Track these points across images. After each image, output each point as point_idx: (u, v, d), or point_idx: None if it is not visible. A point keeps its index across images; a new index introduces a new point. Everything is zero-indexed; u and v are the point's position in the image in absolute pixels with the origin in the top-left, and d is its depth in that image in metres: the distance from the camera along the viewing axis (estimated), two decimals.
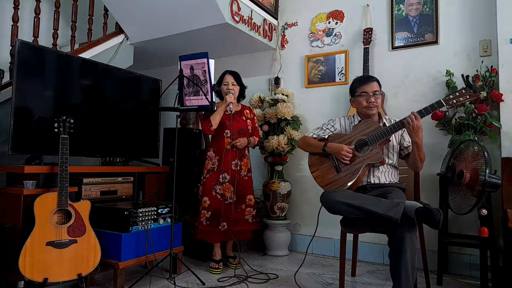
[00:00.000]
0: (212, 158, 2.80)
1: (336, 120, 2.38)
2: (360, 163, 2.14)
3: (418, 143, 2.05)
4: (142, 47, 3.69)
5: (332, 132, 2.34)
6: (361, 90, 2.24)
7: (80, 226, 2.20)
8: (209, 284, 2.47)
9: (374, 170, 2.21)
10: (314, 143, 2.32)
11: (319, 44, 3.52)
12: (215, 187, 2.75)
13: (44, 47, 2.64)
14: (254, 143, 2.94)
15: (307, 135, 2.40)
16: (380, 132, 2.11)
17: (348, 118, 2.37)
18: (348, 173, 2.16)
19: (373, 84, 2.24)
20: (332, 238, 3.26)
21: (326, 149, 2.22)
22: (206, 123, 2.69)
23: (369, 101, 2.21)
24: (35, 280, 2.03)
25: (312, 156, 2.35)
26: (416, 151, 2.08)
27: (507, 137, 2.54)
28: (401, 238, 1.84)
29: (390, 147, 2.23)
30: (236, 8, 3.16)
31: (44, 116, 2.49)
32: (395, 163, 2.26)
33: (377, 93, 2.23)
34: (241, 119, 2.87)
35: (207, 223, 2.72)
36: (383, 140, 2.13)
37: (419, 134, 2.02)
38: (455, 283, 2.56)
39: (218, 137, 2.80)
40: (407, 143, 2.23)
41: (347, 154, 2.13)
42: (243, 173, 2.84)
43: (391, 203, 1.90)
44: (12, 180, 2.38)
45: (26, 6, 3.58)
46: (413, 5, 3.09)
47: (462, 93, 2.03)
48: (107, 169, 2.81)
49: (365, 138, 2.16)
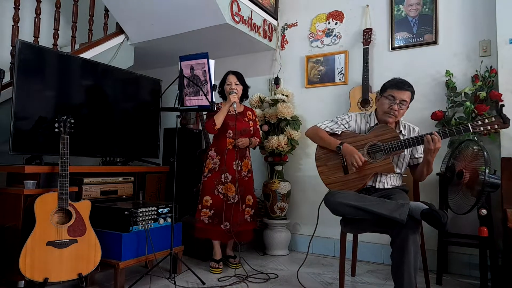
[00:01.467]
0: (214, 157, 2.81)
1: (352, 117, 2.28)
2: (369, 170, 2.12)
3: (430, 161, 2.03)
4: (142, 47, 3.69)
5: (347, 128, 2.25)
6: (390, 93, 2.15)
7: (80, 226, 2.21)
8: (209, 284, 2.47)
9: (381, 176, 2.18)
10: (328, 138, 2.23)
11: (319, 45, 3.52)
12: (217, 186, 2.76)
13: (44, 47, 2.64)
14: (255, 144, 2.96)
15: (319, 126, 2.29)
16: (397, 144, 2.06)
17: (365, 117, 2.28)
18: (356, 178, 2.14)
19: (406, 92, 2.14)
20: (332, 237, 3.26)
21: (341, 151, 2.15)
22: (210, 122, 2.70)
23: (391, 107, 2.12)
24: (35, 279, 2.03)
25: (320, 149, 2.29)
26: (425, 167, 2.06)
27: (506, 137, 2.54)
28: (405, 239, 1.83)
29: (401, 157, 2.20)
30: (236, 8, 3.16)
31: (45, 116, 2.50)
32: (403, 172, 2.24)
33: (404, 103, 2.14)
34: (243, 120, 2.88)
35: (209, 221, 2.73)
36: (398, 151, 2.09)
37: (435, 154, 2.00)
38: (454, 283, 2.57)
39: (220, 137, 2.81)
40: (419, 154, 2.21)
41: (358, 161, 2.09)
42: (243, 174, 2.85)
43: (396, 204, 1.88)
44: (13, 180, 2.38)
45: (27, 6, 3.58)
46: (413, 6, 3.10)
47: (492, 122, 1.94)
48: (107, 169, 2.81)
49: (380, 145, 2.11)
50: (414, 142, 2.04)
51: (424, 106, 2.92)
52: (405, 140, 2.07)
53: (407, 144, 2.06)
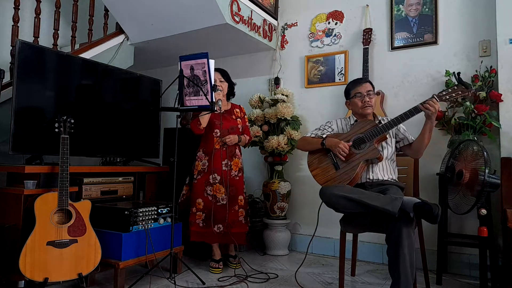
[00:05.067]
0: (202, 158, 2.79)
1: (333, 122, 2.46)
2: (357, 160, 2.19)
3: (432, 127, 2.12)
4: (142, 47, 3.69)
5: (330, 132, 2.41)
6: (355, 92, 2.33)
7: (80, 226, 2.21)
8: (209, 284, 2.47)
9: (373, 166, 2.25)
10: (313, 140, 2.38)
11: (319, 45, 3.52)
12: (206, 188, 2.74)
13: (44, 47, 2.64)
14: (245, 141, 2.92)
15: (305, 136, 2.48)
16: (377, 129, 2.19)
17: (345, 120, 2.45)
18: (347, 170, 2.21)
19: (366, 84, 2.34)
20: (331, 237, 3.26)
21: (325, 143, 2.28)
22: (195, 122, 2.68)
23: (363, 100, 2.29)
24: (35, 279, 2.03)
25: (311, 155, 2.40)
26: (427, 134, 2.13)
27: (506, 137, 2.55)
28: (398, 233, 1.85)
29: (387, 141, 2.29)
30: (236, 8, 3.16)
31: (45, 116, 2.50)
32: (392, 157, 2.31)
33: (371, 92, 2.31)
34: (231, 118, 2.85)
35: (203, 224, 2.71)
36: (380, 136, 2.19)
37: (435, 116, 2.09)
38: (454, 283, 2.57)
39: (208, 137, 2.79)
40: (402, 134, 2.30)
41: (343, 148, 2.19)
42: (233, 173, 2.82)
43: (389, 198, 1.92)
44: (13, 180, 2.38)
45: (27, 6, 3.59)
46: (413, 6, 3.10)
47: (455, 89, 2.09)
48: (107, 169, 2.81)
49: (362, 136, 2.22)
50: (391, 124, 2.17)
51: None
52: (382, 124, 2.20)
53: (385, 127, 2.18)
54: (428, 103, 2.06)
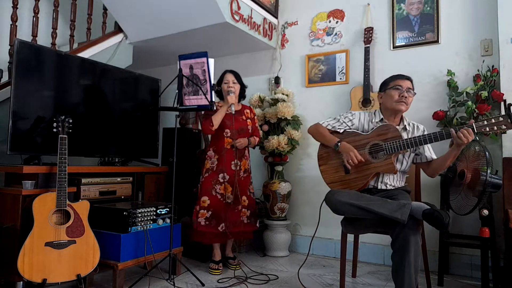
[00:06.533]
0: (212, 157, 2.79)
1: (355, 115, 2.26)
2: (370, 170, 2.10)
3: (458, 154, 2.02)
4: (141, 46, 3.67)
5: (349, 127, 2.24)
6: (394, 83, 2.14)
7: (79, 227, 2.19)
8: (208, 285, 2.45)
9: (384, 176, 2.16)
10: (328, 135, 2.23)
11: (320, 44, 3.50)
12: (214, 186, 2.73)
13: (43, 47, 2.62)
14: (255, 143, 2.92)
15: (321, 124, 2.29)
16: (399, 143, 2.04)
17: (369, 115, 2.25)
18: (357, 177, 2.13)
19: (408, 81, 2.15)
20: (332, 238, 3.25)
21: (339, 148, 2.15)
22: (208, 122, 2.67)
23: (402, 95, 2.10)
24: (34, 280, 2.02)
25: (322, 148, 2.29)
26: (450, 160, 2.04)
27: (508, 137, 2.52)
28: (405, 240, 1.81)
29: (405, 155, 2.17)
30: (236, 7, 3.14)
31: (43, 116, 2.48)
32: (406, 170, 2.21)
33: (410, 90, 2.13)
34: (241, 118, 2.86)
35: (206, 223, 2.70)
36: (401, 151, 2.07)
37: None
38: (456, 284, 2.55)
39: (218, 136, 2.79)
40: (422, 149, 2.17)
41: (354, 159, 2.07)
42: (241, 174, 2.82)
43: (397, 204, 1.86)
44: (11, 180, 2.37)
45: (25, 5, 3.57)
46: (414, 4, 3.08)
47: (499, 121, 1.86)
48: (106, 169, 2.80)
49: (382, 145, 2.09)
50: (416, 142, 2.02)
51: (425, 105, 2.91)
52: (408, 140, 2.04)
53: (409, 144, 2.03)
54: (462, 133, 1.89)
